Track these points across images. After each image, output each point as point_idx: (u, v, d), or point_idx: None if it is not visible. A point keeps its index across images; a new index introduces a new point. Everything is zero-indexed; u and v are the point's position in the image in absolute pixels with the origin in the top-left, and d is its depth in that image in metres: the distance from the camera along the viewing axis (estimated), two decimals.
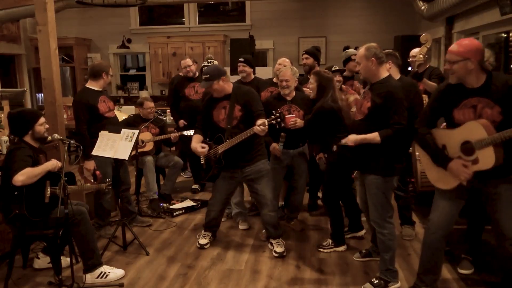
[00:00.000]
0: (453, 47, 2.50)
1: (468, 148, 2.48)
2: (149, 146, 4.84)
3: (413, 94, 3.33)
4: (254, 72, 4.79)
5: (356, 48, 4.79)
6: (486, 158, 2.41)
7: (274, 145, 3.83)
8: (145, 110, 4.88)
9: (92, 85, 3.93)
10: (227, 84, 3.57)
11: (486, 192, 2.55)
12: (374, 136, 2.81)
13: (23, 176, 2.83)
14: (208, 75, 3.48)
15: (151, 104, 4.92)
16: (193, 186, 5.54)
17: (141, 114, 4.94)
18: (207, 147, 3.58)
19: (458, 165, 2.50)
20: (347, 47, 5.43)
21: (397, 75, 3.43)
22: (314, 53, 4.69)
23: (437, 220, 2.71)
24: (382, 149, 2.83)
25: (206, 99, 3.74)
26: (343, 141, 2.95)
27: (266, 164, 3.67)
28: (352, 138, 2.90)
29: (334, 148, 3.41)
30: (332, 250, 3.69)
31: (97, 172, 3.78)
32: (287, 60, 4.43)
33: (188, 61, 5.19)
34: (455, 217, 2.71)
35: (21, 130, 3.08)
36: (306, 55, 4.68)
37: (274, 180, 3.94)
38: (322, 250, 3.71)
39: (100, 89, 3.96)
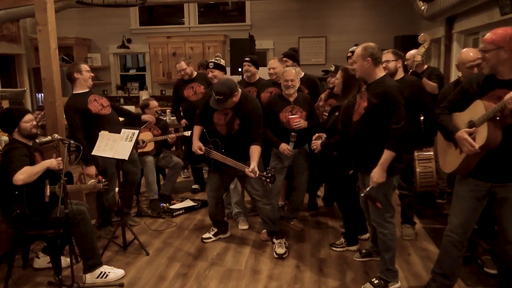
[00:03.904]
0: (487, 35, 2.42)
1: (470, 125, 2.48)
2: (149, 146, 4.84)
3: (418, 90, 3.49)
4: None
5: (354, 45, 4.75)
6: (480, 136, 2.40)
7: (283, 145, 3.78)
8: (151, 110, 4.88)
9: (76, 90, 3.81)
10: (236, 97, 3.53)
11: (496, 195, 2.53)
12: (387, 154, 2.75)
13: (23, 174, 2.84)
14: (222, 97, 3.39)
15: (156, 104, 4.96)
16: (193, 186, 5.55)
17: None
18: (203, 149, 3.65)
19: (462, 135, 2.47)
20: (356, 45, 5.35)
21: (401, 74, 3.59)
22: (293, 55, 4.50)
23: (453, 223, 2.69)
24: (382, 149, 2.80)
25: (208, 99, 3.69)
26: (371, 185, 2.83)
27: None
28: (375, 176, 2.79)
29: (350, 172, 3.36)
30: (344, 249, 3.70)
31: (100, 177, 3.75)
32: (276, 61, 4.29)
33: (182, 64, 5.15)
34: (472, 221, 2.66)
35: (8, 127, 3.10)
36: (285, 58, 4.46)
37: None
38: (334, 249, 3.72)
39: (86, 90, 3.81)
